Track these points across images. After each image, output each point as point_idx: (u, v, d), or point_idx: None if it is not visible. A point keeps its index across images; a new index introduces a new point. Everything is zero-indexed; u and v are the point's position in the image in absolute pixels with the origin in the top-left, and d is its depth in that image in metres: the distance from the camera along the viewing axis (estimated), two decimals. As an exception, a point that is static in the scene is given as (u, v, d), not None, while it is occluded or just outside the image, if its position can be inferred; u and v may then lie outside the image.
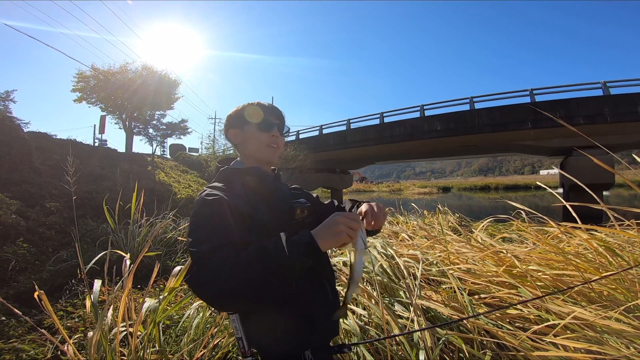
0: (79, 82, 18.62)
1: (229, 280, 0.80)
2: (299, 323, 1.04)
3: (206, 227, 0.93)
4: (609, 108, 14.38)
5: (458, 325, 1.99)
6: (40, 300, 1.71)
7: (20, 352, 2.32)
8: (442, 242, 3.26)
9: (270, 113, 1.23)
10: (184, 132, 23.36)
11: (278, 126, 1.24)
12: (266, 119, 1.21)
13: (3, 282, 3.93)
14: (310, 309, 1.07)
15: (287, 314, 1.03)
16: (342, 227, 0.85)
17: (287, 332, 1.03)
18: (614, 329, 1.50)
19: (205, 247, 0.87)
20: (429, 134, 18.57)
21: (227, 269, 0.81)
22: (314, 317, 1.07)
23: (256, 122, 1.21)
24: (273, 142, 1.21)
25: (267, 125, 1.21)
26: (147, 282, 3.46)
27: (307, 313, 1.06)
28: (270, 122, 1.22)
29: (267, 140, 1.20)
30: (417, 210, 7.38)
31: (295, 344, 1.04)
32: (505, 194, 44.87)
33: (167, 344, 2.28)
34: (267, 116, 1.22)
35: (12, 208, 5.78)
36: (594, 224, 2.40)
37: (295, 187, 1.40)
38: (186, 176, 18.77)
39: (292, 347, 1.04)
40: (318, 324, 1.07)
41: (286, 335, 1.03)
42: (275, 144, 1.22)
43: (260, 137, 1.20)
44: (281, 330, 1.02)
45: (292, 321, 1.03)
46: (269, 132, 1.21)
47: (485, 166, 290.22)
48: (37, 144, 9.94)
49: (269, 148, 1.21)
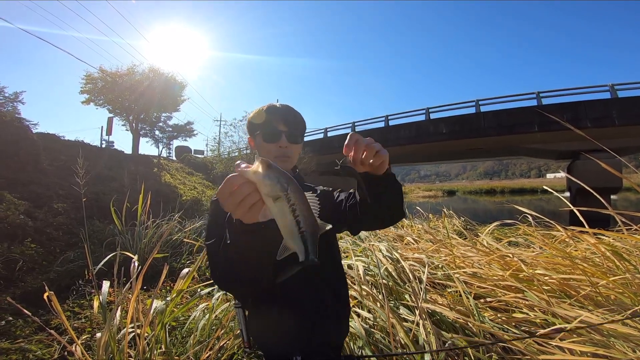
0: (87, 83, 18.80)
1: (215, 269, 0.93)
2: (287, 324, 1.04)
3: (209, 225, 1.04)
4: (617, 111, 14.23)
5: (463, 329, 1.98)
6: (50, 300, 1.73)
7: (27, 353, 2.34)
8: (448, 246, 3.25)
9: (277, 120, 1.13)
10: (189, 134, 23.49)
11: (287, 134, 1.13)
12: (272, 129, 1.13)
13: (10, 282, 3.98)
14: (300, 309, 1.05)
15: (277, 313, 1.04)
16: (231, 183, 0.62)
17: (275, 332, 1.05)
18: (620, 333, 1.49)
19: (207, 243, 0.97)
20: (435, 137, 18.47)
21: (214, 260, 0.94)
22: (303, 318, 1.05)
23: (262, 132, 1.14)
24: (281, 153, 1.13)
25: (273, 136, 1.13)
26: (153, 283, 3.51)
27: (297, 313, 1.04)
28: (275, 132, 1.13)
29: (275, 151, 1.12)
30: (422, 213, 7.37)
31: (284, 344, 1.03)
32: (511, 198, 44.59)
33: (173, 345, 2.29)
34: (274, 124, 1.13)
35: (20, 208, 5.85)
36: (602, 228, 2.39)
37: (308, 185, 1.28)
38: (191, 178, 18.88)
39: (281, 348, 1.04)
40: (308, 326, 1.05)
41: (275, 334, 1.05)
42: (284, 155, 1.14)
43: (267, 148, 1.13)
44: (271, 329, 1.05)
45: (282, 322, 1.04)
46: (276, 142, 1.12)
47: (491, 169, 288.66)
48: (45, 145, 10.05)
49: (278, 160, 1.11)
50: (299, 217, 0.63)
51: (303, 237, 0.65)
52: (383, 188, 0.98)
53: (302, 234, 0.65)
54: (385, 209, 1.02)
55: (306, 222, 0.64)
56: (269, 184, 0.60)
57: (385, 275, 2.51)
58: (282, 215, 0.63)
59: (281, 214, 0.63)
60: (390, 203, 1.02)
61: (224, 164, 19.03)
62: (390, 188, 0.99)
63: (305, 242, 0.66)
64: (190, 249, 5.01)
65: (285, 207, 0.62)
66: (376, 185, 0.96)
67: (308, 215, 0.65)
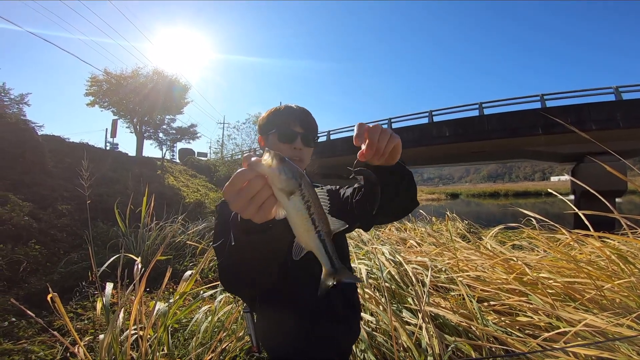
0: (92, 86, 18.92)
1: (221, 271, 0.88)
2: (295, 328, 1.03)
3: (215, 227, 1.05)
4: (621, 113, 14.16)
5: (466, 332, 1.97)
6: (53, 302, 1.73)
7: (30, 354, 2.35)
8: (451, 249, 3.24)
9: (294, 121, 1.12)
10: (193, 137, 23.57)
11: (302, 136, 1.11)
12: (287, 129, 1.11)
13: (14, 283, 4.00)
14: (309, 313, 1.04)
15: (285, 317, 1.03)
16: (240, 178, 0.56)
17: (284, 336, 1.04)
18: (625, 336, 1.48)
19: (215, 245, 0.97)
20: (438, 140, 18.43)
21: (221, 263, 0.88)
22: (312, 322, 1.04)
23: (277, 132, 1.11)
24: (295, 155, 1.10)
25: (288, 137, 1.10)
26: (155, 284, 3.51)
27: (306, 318, 1.04)
28: (291, 133, 1.10)
29: (288, 153, 1.09)
30: (426, 216, 7.34)
31: (292, 348, 1.03)
32: (515, 201, 44.43)
33: (176, 347, 2.29)
34: (290, 125, 1.11)
35: (24, 210, 5.88)
36: (606, 231, 2.37)
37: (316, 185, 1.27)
38: (195, 180, 18.94)
39: (289, 352, 1.04)
40: (317, 331, 1.04)
41: (283, 338, 1.05)
42: (297, 157, 1.11)
43: (281, 149, 1.08)
44: (279, 333, 1.05)
45: (290, 326, 1.03)
46: (291, 143, 1.10)
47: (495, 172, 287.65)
48: (50, 146, 10.12)
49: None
50: (314, 215, 0.59)
51: (320, 236, 0.61)
52: (399, 178, 0.92)
53: (318, 232, 0.61)
54: (401, 202, 0.98)
55: (320, 219, 0.61)
56: (284, 178, 0.56)
57: (388, 278, 2.50)
58: (296, 212, 0.59)
59: (296, 210, 0.58)
60: (407, 193, 0.97)
61: (227, 167, 19.10)
62: (405, 177, 0.93)
63: (323, 241, 0.62)
64: (193, 251, 5.02)
65: (300, 204, 0.58)
66: (391, 175, 0.90)
67: (322, 212, 0.61)
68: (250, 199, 0.56)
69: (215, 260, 4.29)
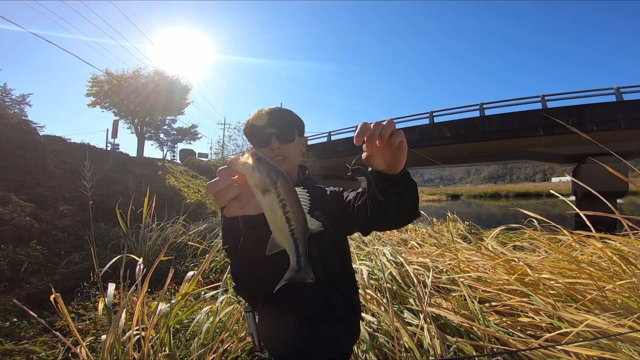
0: (94, 86, 18.89)
1: (233, 267, 1.02)
2: (296, 328, 1.04)
3: (222, 229, 1.13)
4: (623, 114, 14.13)
5: (468, 333, 1.97)
6: (55, 302, 1.73)
7: (32, 354, 2.35)
8: (452, 250, 3.24)
9: (264, 124, 1.12)
10: (194, 138, 23.57)
11: (275, 135, 1.12)
12: (260, 134, 1.13)
13: (15, 283, 4.00)
14: (310, 313, 1.05)
15: (286, 316, 1.04)
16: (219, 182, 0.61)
17: (284, 335, 1.06)
18: (627, 337, 1.48)
19: (225, 247, 1.06)
20: (438, 141, 18.42)
21: (232, 260, 1.01)
22: (313, 322, 1.04)
23: (251, 142, 1.15)
24: (276, 154, 1.11)
25: (262, 141, 1.12)
26: (157, 285, 3.51)
27: (307, 317, 1.04)
28: (264, 136, 1.12)
29: (269, 155, 1.09)
30: (426, 217, 7.34)
31: (292, 348, 1.04)
32: (516, 202, 44.32)
33: (177, 348, 2.29)
34: (261, 129, 1.12)
35: (26, 210, 5.89)
36: (608, 232, 2.37)
37: (319, 186, 1.26)
38: (196, 181, 18.94)
39: (289, 352, 1.05)
40: (317, 331, 1.04)
41: (284, 338, 1.06)
42: (279, 156, 1.12)
43: (264, 154, 1.10)
44: (280, 332, 1.07)
45: (291, 325, 1.04)
46: (268, 146, 1.11)
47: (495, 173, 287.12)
48: (52, 147, 10.14)
49: (274, 162, 1.07)
50: (289, 214, 0.62)
51: (293, 234, 0.64)
52: (401, 188, 0.87)
53: (292, 231, 0.63)
54: (402, 212, 0.93)
55: (296, 219, 0.63)
56: (257, 176, 0.58)
57: (389, 279, 2.50)
58: (271, 210, 0.61)
59: (270, 208, 0.61)
60: (408, 204, 0.92)
61: (228, 168, 19.04)
62: (408, 187, 0.88)
63: (295, 240, 0.64)
64: (194, 252, 5.02)
65: (275, 202, 0.60)
66: (394, 184, 0.85)
67: (298, 212, 0.63)
68: (216, 193, 0.60)
69: (216, 261, 4.30)
